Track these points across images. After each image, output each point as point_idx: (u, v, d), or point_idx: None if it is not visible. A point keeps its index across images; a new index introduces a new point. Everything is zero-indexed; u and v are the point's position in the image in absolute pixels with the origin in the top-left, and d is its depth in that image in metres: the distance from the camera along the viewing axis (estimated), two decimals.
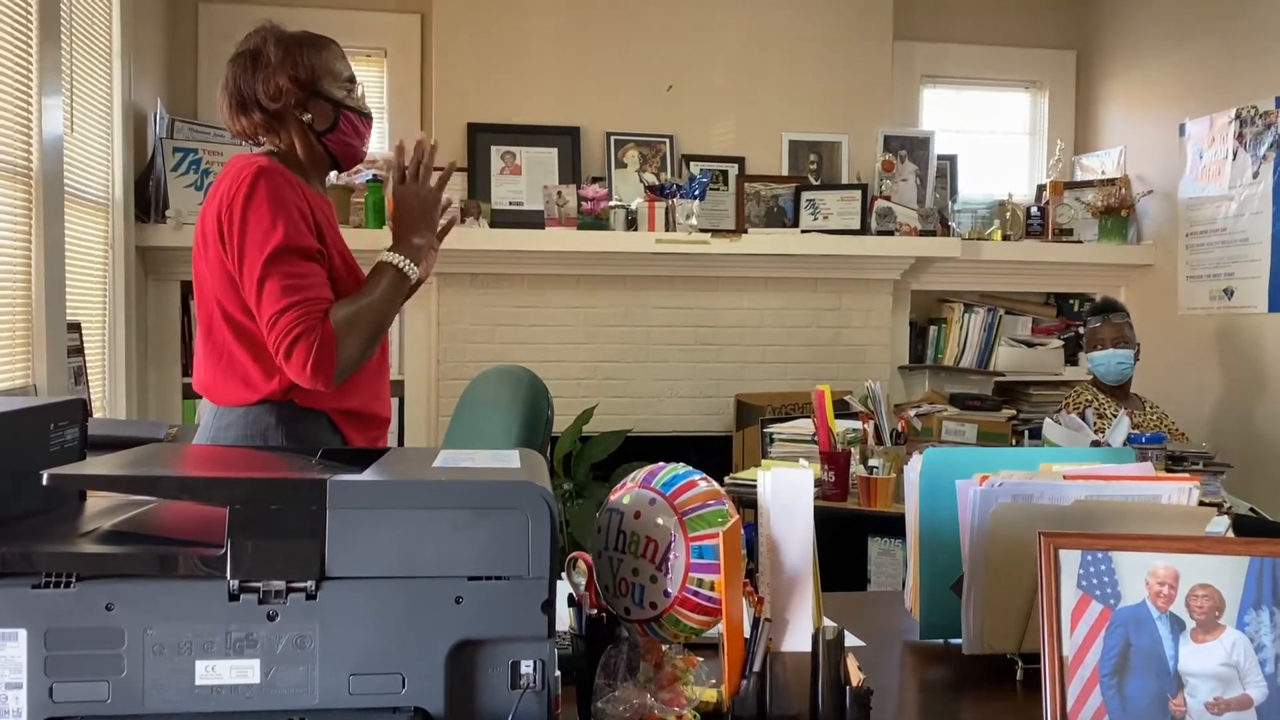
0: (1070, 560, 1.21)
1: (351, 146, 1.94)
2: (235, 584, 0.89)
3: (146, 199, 3.82)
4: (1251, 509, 3.37)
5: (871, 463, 2.84)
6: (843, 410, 3.23)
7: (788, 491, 1.08)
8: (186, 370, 3.93)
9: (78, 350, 3.18)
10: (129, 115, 3.66)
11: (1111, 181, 4.62)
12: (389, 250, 1.88)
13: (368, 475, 0.96)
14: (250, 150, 1.95)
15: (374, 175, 4.04)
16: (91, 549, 0.91)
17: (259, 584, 0.89)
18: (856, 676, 1.10)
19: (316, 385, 1.72)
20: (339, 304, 1.78)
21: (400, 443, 4.05)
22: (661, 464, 1.20)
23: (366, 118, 1.96)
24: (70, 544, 0.92)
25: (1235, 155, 4.03)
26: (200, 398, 1.93)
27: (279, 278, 1.71)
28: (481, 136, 4.18)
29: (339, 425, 1.87)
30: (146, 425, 2.91)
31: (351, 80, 1.94)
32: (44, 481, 0.90)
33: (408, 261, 1.86)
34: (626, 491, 1.18)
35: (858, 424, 3.04)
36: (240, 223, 1.74)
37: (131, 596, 0.88)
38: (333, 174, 2.28)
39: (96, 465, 0.98)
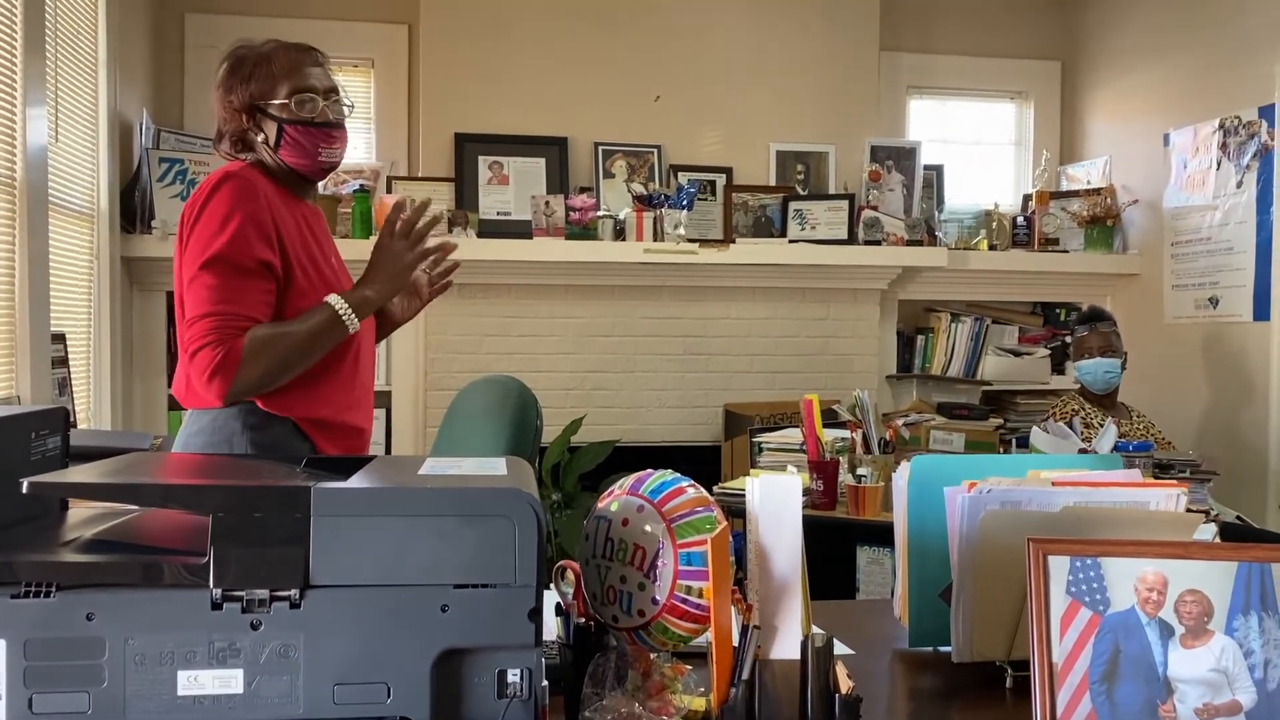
0: (1059, 566, 1.21)
1: (302, 159, 1.88)
2: (218, 593, 0.88)
3: (132, 209, 3.80)
4: (1238, 517, 3.38)
5: (860, 471, 2.84)
6: (831, 419, 3.23)
7: (776, 498, 1.07)
8: (172, 381, 3.90)
9: (62, 361, 3.16)
10: (114, 125, 3.64)
11: (1097, 191, 4.64)
12: (341, 293, 1.84)
13: (353, 483, 0.95)
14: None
15: (361, 185, 4.04)
16: (72, 558, 0.90)
17: (242, 593, 0.88)
18: (846, 684, 1.09)
19: (209, 394, 1.72)
20: (265, 326, 1.76)
21: (387, 453, 4.03)
22: (649, 470, 1.19)
23: (321, 126, 1.88)
24: (50, 553, 0.91)
25: (1219, 165, 4.05)
26: (182, 409, 1.93)
27: (207, 285, 1.73)
28: (469, 147, 4.18)
29: (307, 433, 1.86)
30: (131, 436, 2.89)
31: (304, 90, 1.87)
32: (24, 489, 0.89)
33: (349, 310, 1.82)
34: (614, 499, 1.18)
35: (846, 433, 3.04)
36: (191, 224, 1.77)
37: (112, 606, 0.87)
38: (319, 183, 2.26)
39: (78, 473, 0.97)
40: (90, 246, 3.53)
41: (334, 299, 1.82)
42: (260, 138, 1.87)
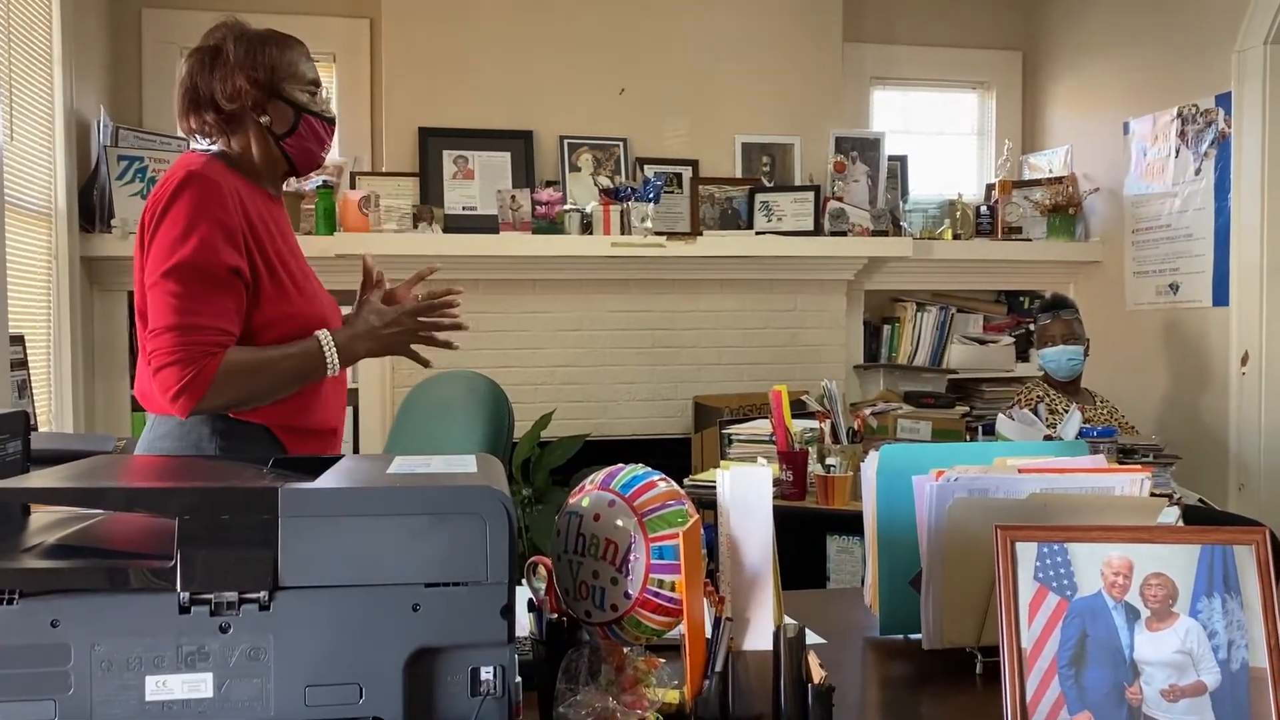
0: (1027, 553, 1.22)
1: (310, 152, 1.87)
2: (186, 596, 0.87)
3: (91, 208, 3.75)
4: (1200, 499, 3.44)
5: (829, 461, 2.85)
6: (800, 410, 3.24)
7: (747, 490, 1.08)
8: (134, 382, 3.85)
9: (21, 363, 3.10)
10: (71, 123, 3.58)
11: (1059, 180, 4.69)
12: (332, 332, 1.80)
13: (321, 483, 0.94)
14: (195, 148, 1.89)
15: (324, 181, 4.00)
16: (35, 564, 0.88)
17: (210, 596, 0.87)
18: (818, 674, 1.10)
19: (173, 410, 1.67)
20: (241, 351, 1.70)
21: (355, 452, 4.00)
22: (620, 465, 1.19)
23: (330, 122, 1.90)
24: (13, 559, 0.89)
25: (1178, 153, 4.11)
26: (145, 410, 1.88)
27: (171, 294, 1.65)
28: (433, 141, 4.15)
29: (281, 440, 1.81)
30: (94, 438, 2.85)
31: (316, 84, 1.88)
32: None
33: (335, 352, 1.78)
34: (586, 494, 1.17)
35: (815, 423, 3.05)
36: (154, 226, 1.69)
37: (77, 612, 0.86)
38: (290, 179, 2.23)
39: (40, 478, 0.96)
40: (48, 246, 3.47)
41: (323, 336, 1.77)
42: (264, 120, 1.81)
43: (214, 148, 1.86)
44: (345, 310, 1.98)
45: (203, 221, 1.67)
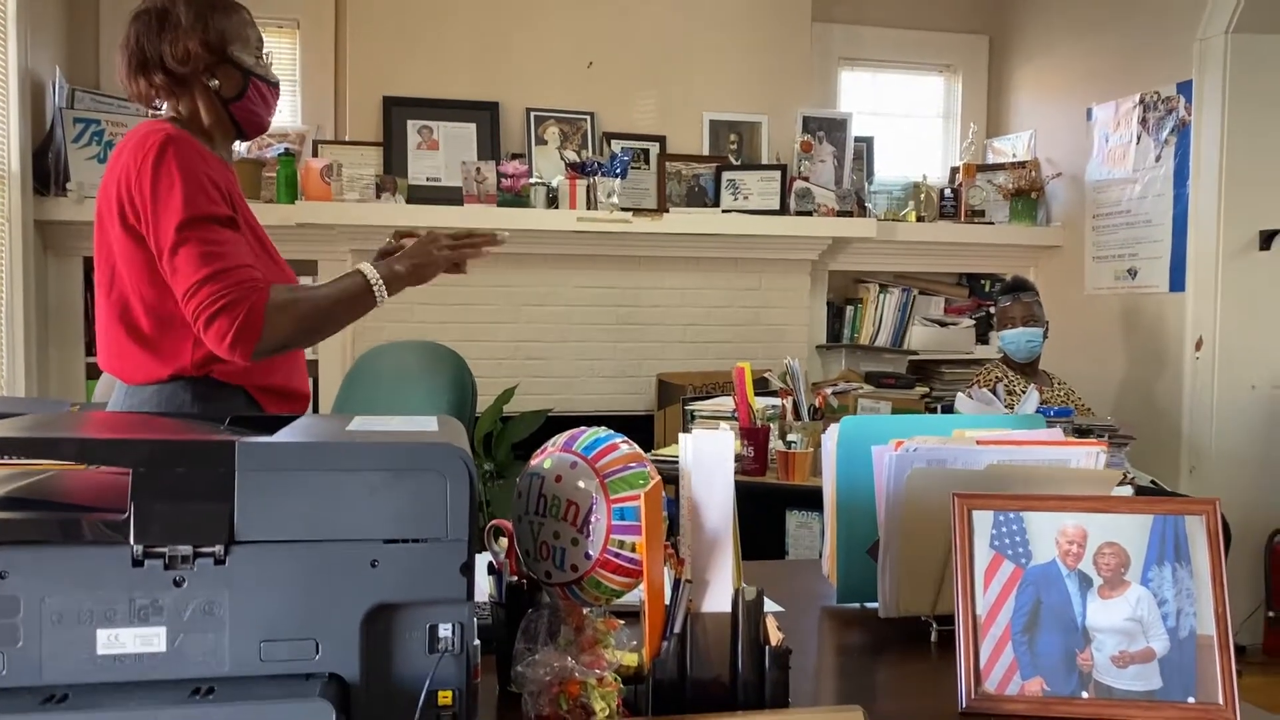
0: (983, 521, 1.24)
1: (258, 115, 1.87)
2: (139, 549, 0.85)
3: (46, 171, 3.67)
4: (1153, 481, 3.50)
5: (790, 438, 2.87)
6: (762, 388, 3.26)
7: (709, 454, 1.08)
8: (90, 348, 3.79)
9: None
10: (25, 84, 3.50)
11: (1022, 164, 4.73)
12: (374, 264, 1.82)
13: (279, 437, 0.93)
14: (150, 116, 1.87)
15: (286, 149, 3.95)
16: None
17: (164, 549, 0.86)
18: (776, 636, 1.10)
19: (234, 358, 1.65)
20: (285, 287, 1.72)
21: None
22: (583, 428, 1.19)
23: (274, 86, 1.90)
24: None
25: (1139, 139, 4.15)
26: (100, 376, 1.86)
27: (196, 244, 1.64)
28: (397, 110, 4.11)
29: (259, 402, 1.81)
30: (47, 404, 2.81)
31: (260, 46, 1.88)
32: None
33: (381, 282, 1.78)
34: (547, 456, 1.17)
35: (777, 401, 3.07)
36: (150, 191, 1.66)
37: (27, 564, 0.84)
38: (241, 146, 2.20)
39: None
40: (1, 210, 3.40)
41: (367, 268, 1.78)
42: (213, 84, 1.80)
43: (161, 114, 1.85)
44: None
45: (197, 176, 1.68)
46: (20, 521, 0.86)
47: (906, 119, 5.07)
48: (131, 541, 0.85)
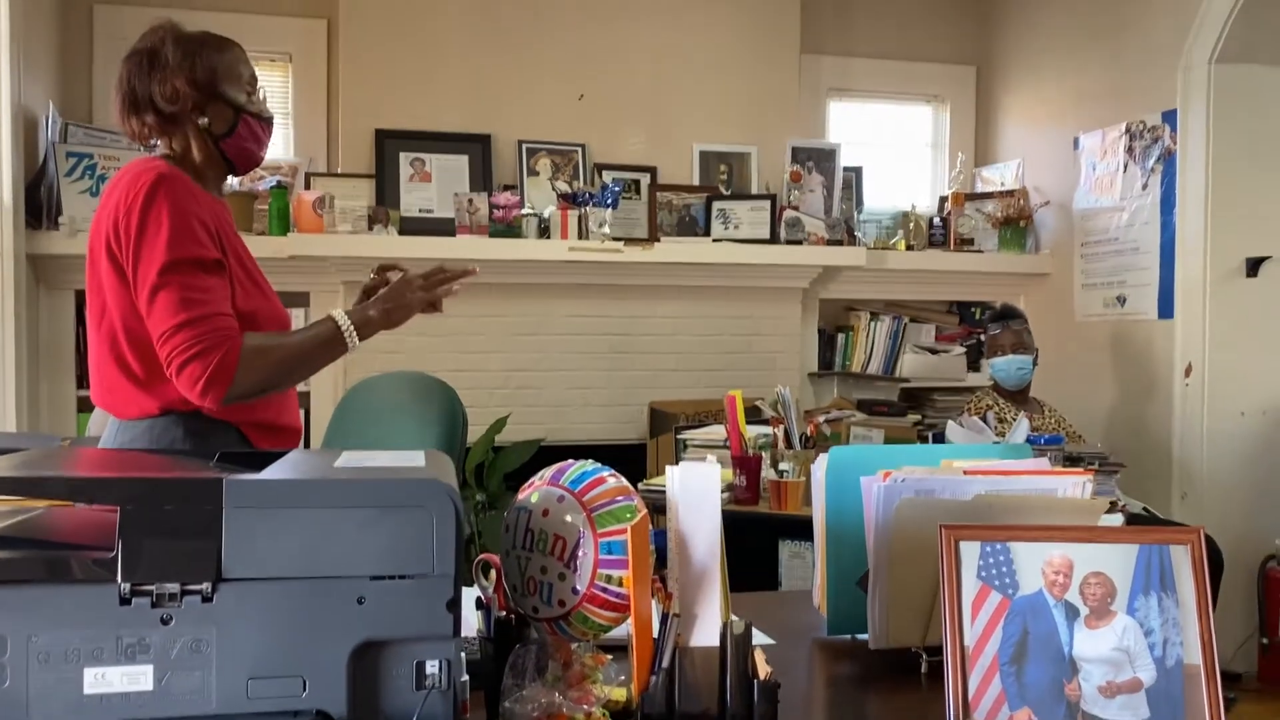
0: (970, 552, 1.24)
1: (249, 151, 1.88)
2: (126, 587, 0.86)
3: (38, 205, 3.68)
4: (1145, 508, 3.51)
5: (782, 466, 2.87)
6: (754, 417, 3.26)
7: (696, 486, 1.08)
8: (81, 382, 3.79)
9: None
10: (19, 118, 3.52)
11: (1010, 193, 4.76)
12: (345, 311, 1.82)
13: (266, 475, 0.93)
14: (144, 154, 1.89)
15: (278, 181, 3.96)
16: None
17: (152, 587, 0.86)
18: (764, 670, 1.11)
19: (204, 403, 1.67)
20: (257, 335, 1.73)
21: None
22: (570, 461, 1.19)
23: (267, 122, 1.91)
24: None
25: (1126, 168, 4.19)
26: (93, 410, 1.86)
27: (175, 290, 1.65)
28: (390, 143, 4.13)
29: (250, 439, 1.81)
30: (38, 439, 2.79)
31: (253, 82, 1.89)
32: None
33: (352, 327, 1.80)
34: (535, 490, 1.18)
35: (769, 429, 3.08)
36: (137, 230, 1.67)
37: (14, 603, 0.84)
38: (234, 179, 2.22)
39: None
40: None
41: (338, 314, 1.80)
42: (203, 121, 1.81)
43: (155, 152, 1.86)
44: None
45: (186, 219, 1.69)
46: (6, 560, 0.86)
47: (895, 149, 5.11)
48: (119, 579, 0.86)
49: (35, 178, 3.70)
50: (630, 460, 4.10)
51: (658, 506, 2.23)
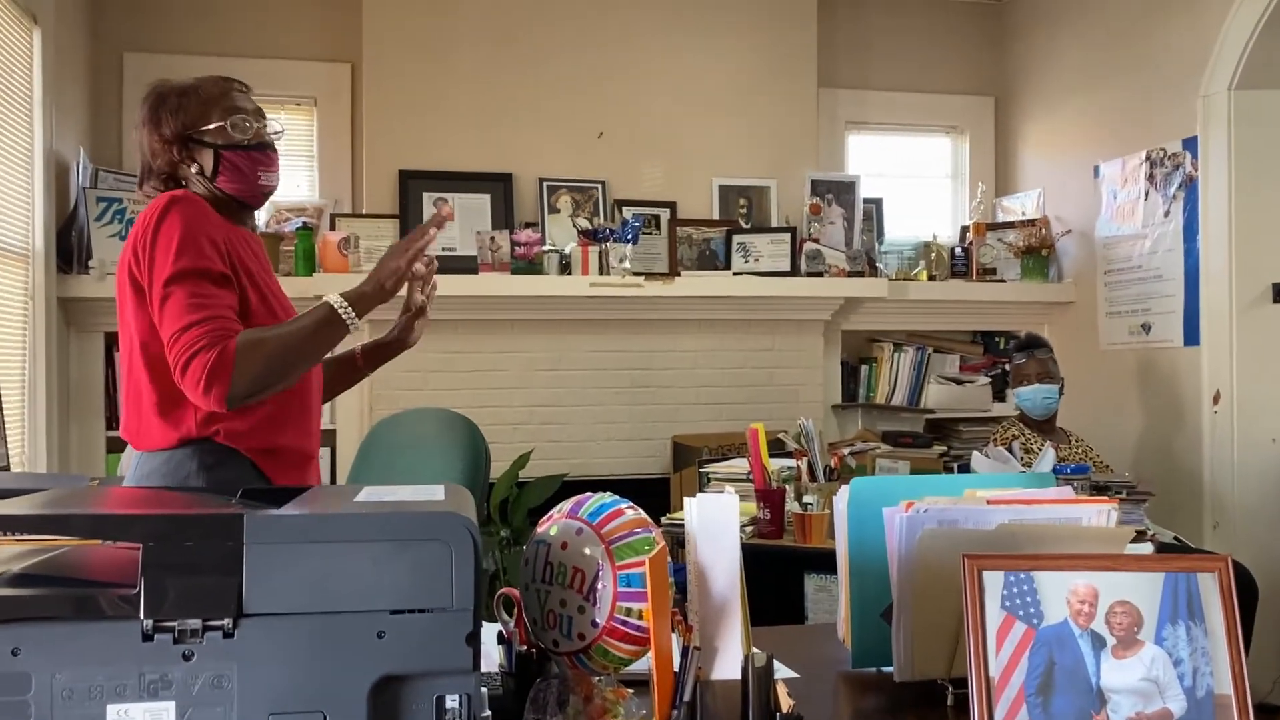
0: (994, 581, 1.23)
1: (245, 182, 1.88)
2: (149, 624, 0.86)
3: (69, 249, 3.74)
4: (1176, 537, 3.46)
5: (806, 499, 2.86)
6: (778, 450, 3.25)
7: (714, 518, 1.08)
8: (110, 423, 3.83)
9: None
10: (50, 165, 3.59)
11: (1031, 222, 4.75)
12: (341, 292, 1.83)
13: (286, 510, 0.94)
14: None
15: (304, 223, 4.01)
16: None
17: (174, 623, 0.87)
18: (786, 703, 1.10)
19: (210, 404, 1.68)
20: (255, 329, 1.75)
21: None
22: (588, 494, 1.19)
23: (252, 148, 1.88)
24: None
25: (1147, 195, 4.17)
26: (122, 450, 1.90)
27: (182, 296, 1.70)
28: (413, 183, 4.18)
29: (261, 467, 1.83)
30: (67, 479, 2.82)
31: (235, 111, 1.88)
32: None
33: (345, 304, 1.79)
34: (553, 523, 1.18)
35: (792, 462, 3.06)
36: (150, 245, 1.74)
37: (39, 640, 0.85)
38: (261, 219, 2.25)
39: (4, 506, 0.95)
40: (25, 287, 3.47)
41: (332, 296, 1.80)
42: (194, 169, 1.86)
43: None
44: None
45: (194, 233, 1.74)
46: (32, 598, 0.87)
47: (915, 180, 5.12)
48: (142, 616, 0.86)
49: (66, 222, 3.77)
50: (654, 494, 4.09)
51: (681, 540, 2.23)
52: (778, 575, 2.79)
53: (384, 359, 2.14)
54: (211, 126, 1.86)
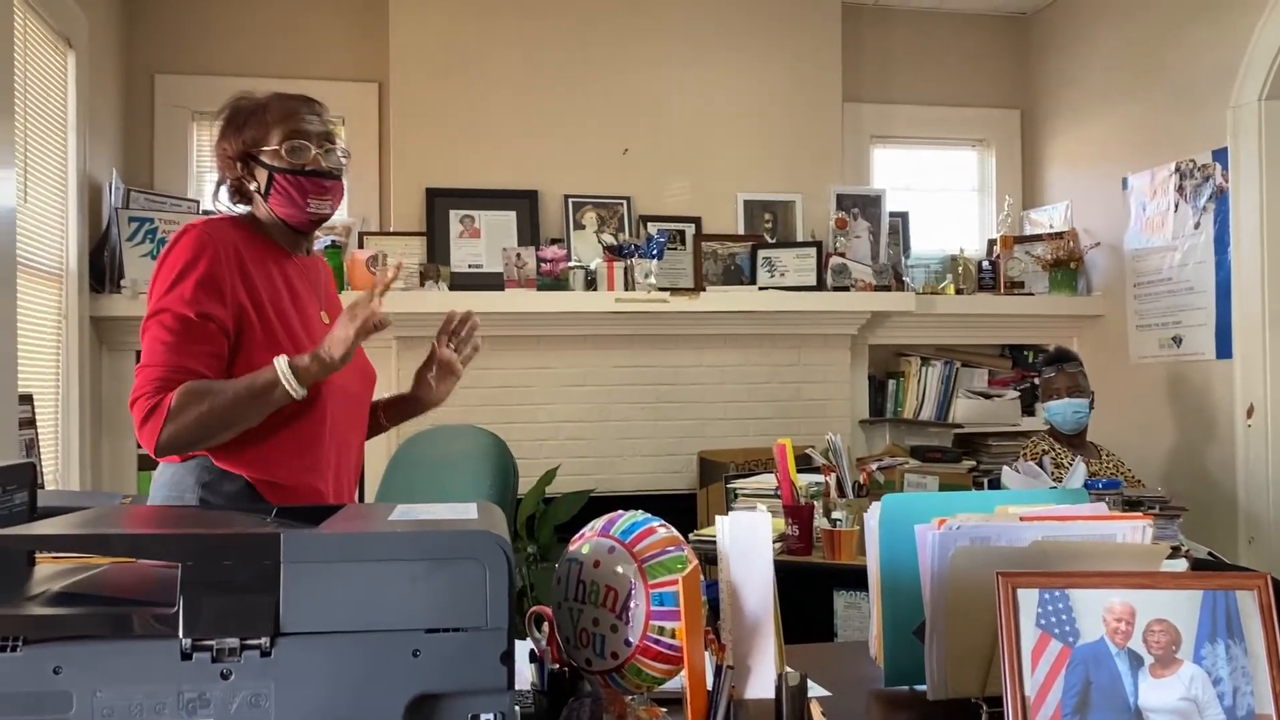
0: (1029, 600, 1.22)
1: (293, 206, 1.87)
2: (188, 642, 0.87)
3: (101, 269, 3.79)
4: (1210, 553, 3.41)
5: (835, 515, 2.84)
6: (805, 465, 3.24)
7: (746, 535, 1.08)
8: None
9: (29, 422, 3.12)
10: (84, 186, 3.65)
11: (1059, 235, 4.72)
12: (290, 357, 1.75)
13: (323, 529, 0.95)
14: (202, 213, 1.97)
15: (332, 241, 4.05)
16: (38, 611, 0.89)
17: (212, 642, 0.87)
18: None
19: (146, 447, 1.72)
20: (199, 381, 1.72)
21: None
22: (620, 512, 1.19)
23: (308, 175, 1.86)
24: (16, 607, 0.90)
25: (1176, 207, 4.14)
26: (154, 468, 1.91)
27: (153, 337, 1.73)
28: (440, 201, 4.21)
29: (261, 493, 1.81)
30: (99, 496, 2.85)
31: (296, 135, 1.86)
32: None
33: (289, 374, 1.73)
34: (585, 541, 1.18)
35: (820, 478, 3.05)
36: (154, 277, 1.78)
37: (80, 658, 0.86)
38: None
39: (45, 526, 0.96)
40: (59, 306, 3.51)
41: (280, 361, 1.74)
42: (254, 186, 1.89)
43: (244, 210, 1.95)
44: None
45: (188, 271, 1.75)
46: (73, 617, 0.88)
47: (941, 193, 5.10)
48: (181, 635, 0.87)
49: (99, 243, 3.82)
50: (680, 510, 4.08)
51: (709, 557, 2.22)
52: (807, 592, 2.78)
53: (406, 415, 2.13)
54: (269, 148, 1.86)
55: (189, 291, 1.74)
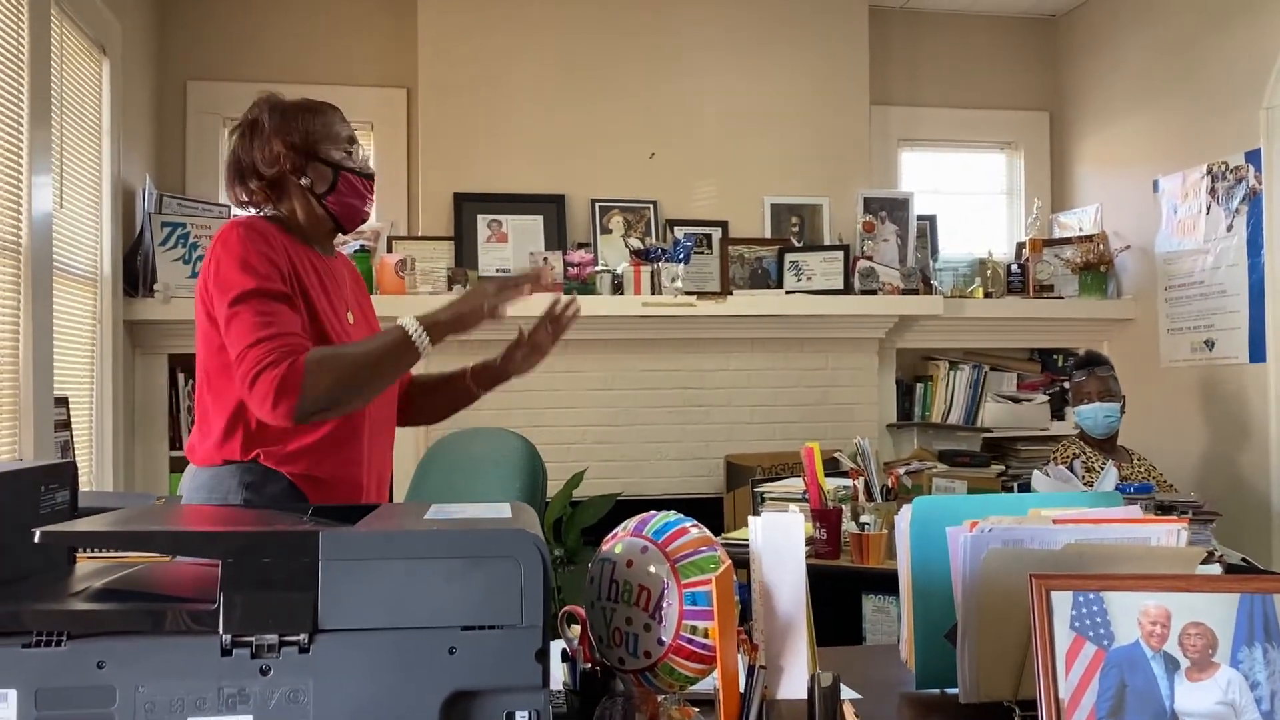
0: (1062, 602, 1.21)
1: (352, 207, 1.94)
2: (228, 638, 0.88)
3: (135, 273, 3.84)
4: (1244, 558, 3.37)
5: (863, 519, 2.83)
6: (833, 469, 3.23)
7: (778, 536, 1.08)
8: (174, 443, 3.92)
9: (65, 424, 3.17)
10: (118, 191, 3.69)
11: (1089, 238, 4.69)
12: (417, 315, 1.83)
13: (360, 528, 0.96)
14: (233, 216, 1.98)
15: (361, 245, 4.08)
16: (82, 607, 0.90)
17: (252, 638, 0.88)
18: None
19: (278, 419, 1.68)
20: (327, 348, 1.76)
21: None
22: (652, 512, 1.20)
23: (367, 178, 1.96)
24: (60, 602, 0.91)
25: (1209, 210, 4.10)
26: (184, 469, 1.93)
27: (248, 314, 1.72)
28: (468, 205, 4.23)
29: (305, 491, 1.83)
30: (133, 497, 2.88)
31: (352, 141, 1.96)
32: (36, 539, 0.90)
33: (420, 330, 1.80)
34: (618, 541, 1.18)
35: (848, 482, 3.04)
36: (215, 271, 1.77)
37: (123, 654, 0.87)
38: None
39: (88, 523, 0.98)
40: (93, 310, 3.56)
41: (406, 319, 1.80)
42: (305, 182, 1.89)
43: (265, 212, 1.94)
44: None
45: (255, 256, 1.76)
46: (117, 612, 0.90)
47: (969, 196, 5.08)
48: (221, 631, 0.88)
49: (132, 247, 3.87)
50: (707, 514, 4.03)
51: (737, 561, 2.22)
52: (835, 596, 2.77)
53: (493, 383, 2.17)
54: (336, 147, 1.91)
55: (265, 271, 1.75)
